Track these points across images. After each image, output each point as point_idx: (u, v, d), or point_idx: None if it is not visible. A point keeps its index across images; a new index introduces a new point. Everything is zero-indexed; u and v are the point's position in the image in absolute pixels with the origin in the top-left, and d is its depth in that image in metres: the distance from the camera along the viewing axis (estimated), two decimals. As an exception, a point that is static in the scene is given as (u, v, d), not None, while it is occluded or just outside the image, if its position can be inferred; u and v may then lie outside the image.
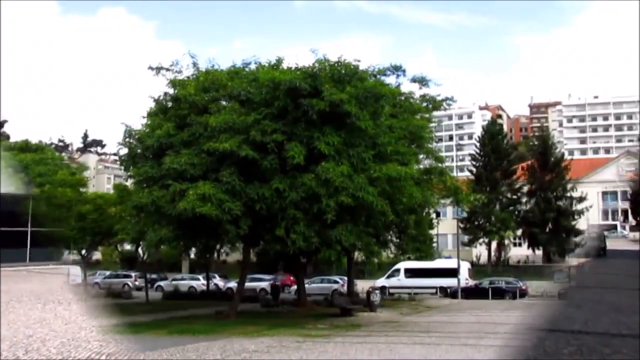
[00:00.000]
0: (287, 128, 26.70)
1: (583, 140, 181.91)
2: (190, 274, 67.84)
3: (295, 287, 47.93)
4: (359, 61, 28.38)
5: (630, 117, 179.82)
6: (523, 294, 51.03)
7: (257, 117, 26.66)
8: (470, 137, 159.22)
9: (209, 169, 26.64)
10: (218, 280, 58.21)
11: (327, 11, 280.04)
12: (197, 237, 31.54)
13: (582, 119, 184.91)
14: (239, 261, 46.27)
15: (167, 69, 31.33)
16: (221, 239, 32.21)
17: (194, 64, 31.50)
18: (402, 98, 34.84)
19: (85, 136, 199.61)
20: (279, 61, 31.43)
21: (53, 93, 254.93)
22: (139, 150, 30.46)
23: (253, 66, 31.62)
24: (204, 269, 55.81)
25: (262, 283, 55.34)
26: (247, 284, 43.00)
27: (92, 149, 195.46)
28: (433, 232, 49.97)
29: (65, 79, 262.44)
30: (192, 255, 61.17)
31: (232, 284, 51.38)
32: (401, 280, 56.22)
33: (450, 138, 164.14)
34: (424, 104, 37.54)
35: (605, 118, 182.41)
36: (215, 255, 58.14)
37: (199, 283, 56.95)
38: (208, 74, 30.54)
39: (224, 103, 29.26)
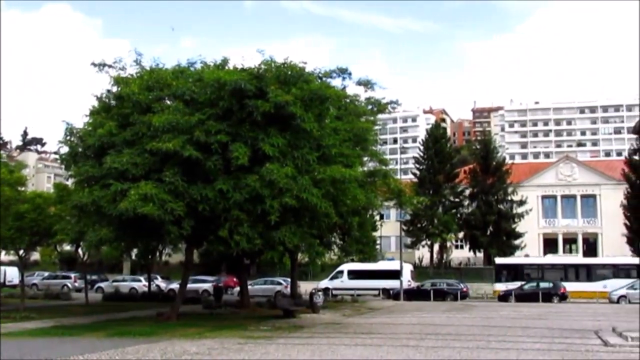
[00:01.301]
0: (231, 129, 26.52)
1: (524, 145, 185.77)
2: (131, 275, 66.96)
3: (238, 288, 47.71)
4: (305, 63, 28.41)
5: (569, 122, 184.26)
6: (464, 295, 51.84)
7: (202, 118, 26.42)
8: (414, 140, 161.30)
9: (152, 169, 26.27)
10: (160, 282, 57.60)
11: (276, 12, 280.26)
12: (139, 238, 31.10)
13: (523, 124, 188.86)
14: (182, 262, 45.86)
15: (110, 66, 30.76)
16: (163, 239, 31.83)
17: (137, 61, 30.99)
18: (348, 101, 34.91)
19: (25, 134, 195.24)
20: (225, 61, 31.21)
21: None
22: (80, 149, 29.81)
23: (198, 66, 31.30)
24: (146, 270, 55.10)
25: (204, 284, 55.02)
26: (190, 286, 42.70)
27: (32, 147, 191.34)
28: (376, 234, 50.36)
29: (5, 75, 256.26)
30: (134, 256, 60.41)
31: (174, 286, 50.88)
32: (344, 281, 56.52)
33: (395, 141, 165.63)
34: (369, 107, 37.72)
35: (546, 123, 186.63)
36: (158, 256, 57.54)
37: (141, 284, 56.20)
38: (152, 72, 30.09)
39: (168, 102, 28.89)
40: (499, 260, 59.14)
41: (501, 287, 53.26)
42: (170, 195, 25.32)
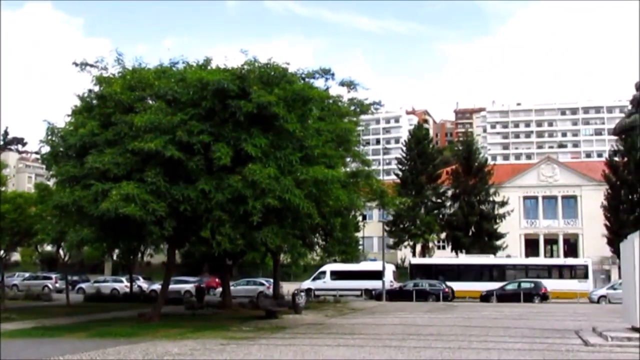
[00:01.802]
0: (214, 129, 26.42)
1: (506, 146, 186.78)
2: (113, 275, 66.67)
3: (220, 289, 47.60)
4: (288, 64, 28.33)
5: (550, 124, 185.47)
6: (446, 296, 51.99)
7: (184, 118, 26.31)
8: (396, 141, 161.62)
9: (134, 169, 26.14)
10: (142, 282, 57.35)
11: (259, 12, 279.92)
12: (120, 238, 30.92)
13: (505, 125, 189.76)
14: (164, 263, 45.68)
15: (92, 65, 30.56)
16: (145, 240, 31.67)
17: (118, 60, 30.77)
18: (331, 101, 34.88)
19: (6, 133, 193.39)
20: (207, 61, 31.12)
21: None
22: (61, 149, 29.63)
23: (181, 66, 31.15)
24: (127, 271, 54.88)
25: (186, 285, 54.82)
26: (172, 286, 42.54)
27: (13, 147, 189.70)
28: (359, 234, 50.41)
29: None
30: (115, 257, 60.21)
31: (156, 286, 50.73)
32: (327, 282, 56.61)
33: (377, 142, 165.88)
34: (352, 108, 37.70)
35: (527, 125, 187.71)
36: (139, 256, 57.35)
37: (122, 285, 56.05)
38: (135, 72, 29.92)
39: (150, 102, 28.76)
40: (414, 260, 61.37)
41: None
42: (152, 195, 25.19)
